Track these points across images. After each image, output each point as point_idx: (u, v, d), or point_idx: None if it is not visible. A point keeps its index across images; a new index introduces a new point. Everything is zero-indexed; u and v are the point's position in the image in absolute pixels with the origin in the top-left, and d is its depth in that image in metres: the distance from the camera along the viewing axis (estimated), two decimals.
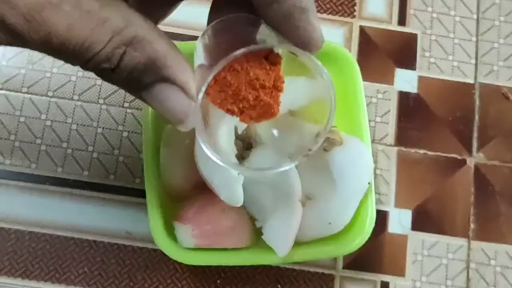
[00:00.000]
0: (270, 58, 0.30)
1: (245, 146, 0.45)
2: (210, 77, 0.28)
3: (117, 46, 0.26)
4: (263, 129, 0.44)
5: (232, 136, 0.42)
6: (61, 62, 0.51)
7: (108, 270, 0.48)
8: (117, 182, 0.50)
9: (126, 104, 0.52)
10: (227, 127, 0.40)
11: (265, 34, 0.31)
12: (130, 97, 0.52)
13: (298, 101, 0.47)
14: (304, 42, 0.28)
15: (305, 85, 0.48)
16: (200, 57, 0.32)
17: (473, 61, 0.55)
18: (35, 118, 0.51)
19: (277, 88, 0.31)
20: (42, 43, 0.26)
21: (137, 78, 0.28)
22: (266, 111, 0.31)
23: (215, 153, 0.31)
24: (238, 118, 0.41)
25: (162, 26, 0.34)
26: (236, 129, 0.41)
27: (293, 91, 0.48)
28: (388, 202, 0.51)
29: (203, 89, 0.28)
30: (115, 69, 0.27)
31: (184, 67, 0.29)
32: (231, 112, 0.30)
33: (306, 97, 0.48)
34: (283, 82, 0.31)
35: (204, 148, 0.30)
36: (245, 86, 0.29)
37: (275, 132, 0.44)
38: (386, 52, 0.54)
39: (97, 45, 0.26)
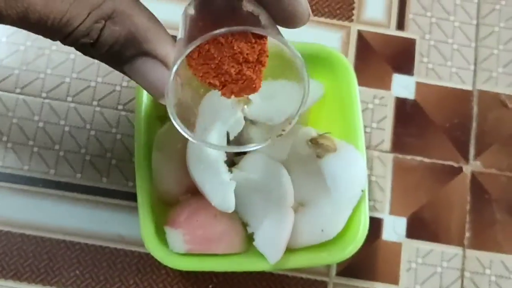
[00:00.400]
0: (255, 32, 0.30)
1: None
2: (188, 50, 0.27)
3: (96, 21, 0.26)
4: (256, 134, 0.43)
5: (223, 141, 0.42)
6: (55, 63, 0.51)
7: (100, 274, 0.48)
8: (109, 185, 0.50)
9: (120, 107, 0.51)
10: (218, 132, 0.39)
11: None
12: (124, 99, 0.52)
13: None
14: (289, 16, 0.27)
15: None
16: (183, 30, 0.31)
17: (472, 67, 0.54)
18: (28, 119, 0.51)
19: (260, 62, 0.30)
20: (19, 19, 0.25)
21: (117, 52, 0.27)
22: (248, 86, 0.30)
23: (186, 129, 0.30)
24: (230, 123, 0.40)
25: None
26: (228, 134, 0.41)
27: (290, 97, 0.48)
28: (383, 209, 0.50)
29: (178, 61, 0.27)
30: (95, 44, 0.26)
31: (165, 40, 0.28)
32: (213, 85, 0.30)
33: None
34: (267, 56, 0.30)
35: (174, 123, 0.30)
36: (228, 60, 0.29)
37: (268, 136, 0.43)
38: (383, 57, 0.54)
39: (76, 20, 0.25)
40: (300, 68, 0.30)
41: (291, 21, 0.26)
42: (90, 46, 0.27)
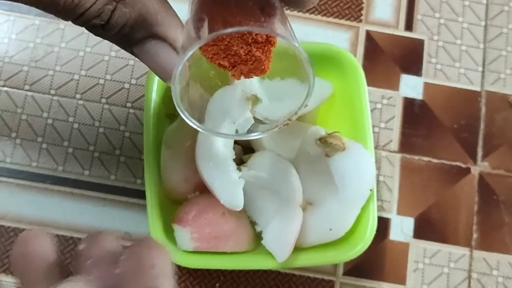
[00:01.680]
0: (266, 9, 0.29)
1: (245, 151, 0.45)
2: (197, 44, 0.27)
3: (107, 2, 0.26)
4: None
5: (231, 141, 0.42)
6: (64, 60, 0.51)
7: None
8: (117, 182, 0.50)
9: (128, 104, 0.51)
10: (226, 131, 0.39)
11: None
12: (133, 97, 0.52)
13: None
14: (297, 1, 0.27)
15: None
16: (191, 9, 0.31)
17: (480, 69, 0.54)
18: (37, 116, 0.51)
19: (270, 42, 0.30)
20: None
21: (127, 34, 0.28)
22: (257, 67, 0.30)
23: (195, 120, 0.30)
24: (239, 122, 0.40)
25: None
26: (237, 132, 0.41)
27: (298, 98, 0.48)
28: (391, 209, 0.50)
29: (189, 53, 0.27)
30: (106, 25, 0.27)
31: (175, 24, 0.28)
32: (222, 67, 0.30)
33: (313, 102, 0.48)
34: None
35: (178, 110, 0.30)
36: (238, 41, 0.28)
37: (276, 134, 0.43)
38: (392, 57, 0.54)
39: (87, 2, 0.25)
40: (304, 62, 0.30)
41: (299, 3, 0.26)
42: (101, 27, 0.27)
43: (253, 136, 0.35)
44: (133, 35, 0.28)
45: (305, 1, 0.25)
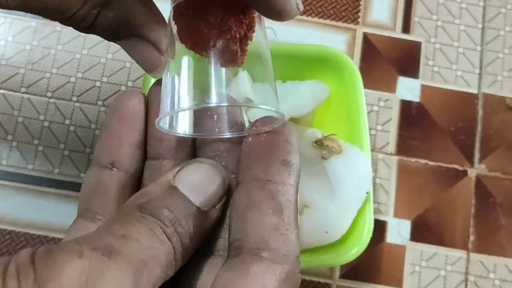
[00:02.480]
0: (245, 10, 0.29)
1: None
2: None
3: (92, 8, 0.26)
4: None
5: None
6: (60, 63, 0.51)
7: None
8: None
9: None
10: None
11: None
12: None
13: (301, 109, 0.47)
14: (276, 14, 0.27)
15: (310, 90, 0.48)
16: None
17: (477, 71, 0.54)
18: (33, 118, 0.51)
19: (247, 37, 0.30)
20: (21, 6, 0.26)
21: (112, 33, 0.28)
22: (233, 60, 0.30)
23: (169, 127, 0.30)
24: None
25: None
26: None
27: (297, 99, 0.48)
28: (387, 212, 0.50)
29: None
30: (90, 27, 0.27)
31: (157, 24, 0.29)
32: (199, 54, 0.30)
33: (309, 104, 0.48)
34: (254, 32, 0.30)
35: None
36: (216, 36, 0.29)
37: None
38: (389, 59, 0.54)
39: (74, 8, 0.26)
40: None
41: (278, 17, 0.26)
42: (85, 28, 0.27)
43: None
44: (117, 34, 0.28)
45: (285, 13, 0.25)
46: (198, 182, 0.23)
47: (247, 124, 0.29)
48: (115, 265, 0.19)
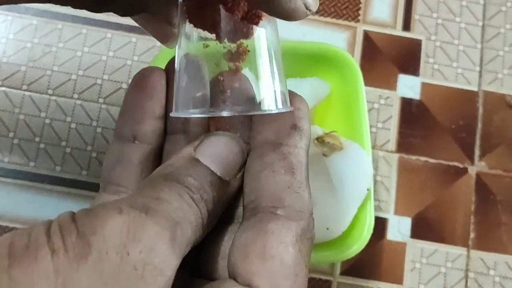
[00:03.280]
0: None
1: None
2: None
3: None
4: None
5: None
6: (62, 60, 0.51)
7: None
8: None
9: None
10: None
11: None
12: None
13: None
14: (284, 16, 0.27)
15: (310, 88, 0.48)
16: None
17: (478, 69, 0.54)
18: (35, 116, 0.51)
19: (253, 22, 0.30)
20: None
21: (123, 10, 0.29)
22: (243, 33, 0.31)
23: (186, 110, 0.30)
24: None
25: None
26: None
27: (305, 94, 0.48)
28: (388, 209, 0.50)
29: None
30: (99, 8, 0.28)
31: (169, 1, 0.30)
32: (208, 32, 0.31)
33: (310, 101, 0.48)
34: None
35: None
36: (224, 22, 0.29)
37: None
38: (389, 57, 0.54)
39: None
40: None
41: (286, 19, 0.26)
42: (98, 7, 0.28)
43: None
44: (128, 10, 0.29)
45: (291, 19, 0.25)
46: (218, 154, 0.24)
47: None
48: (152, 220, 0.20)
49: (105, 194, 0.27)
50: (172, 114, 0.25)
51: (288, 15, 0.25)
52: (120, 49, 0.53)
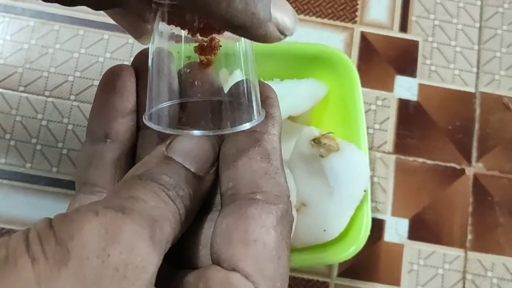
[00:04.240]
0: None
1: None
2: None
3: None
4: None
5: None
6: (58, 62, 0.51)
7: None
8: None
9: None
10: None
11: None
12: None
13: (299, 107, 0.47)
14: (261, 41, 0.27)
15: (307, 89, 0.48)
16: None
17: (475, 70, 0.54)
18: (31, 117, 0.51)
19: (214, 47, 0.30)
20: None
21: (95, 4, 0.29)
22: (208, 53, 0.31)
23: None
24: None
25: None
26: None
27: (295, 97, 0.48)
28: (385, 210, 0.50)
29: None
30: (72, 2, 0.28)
31: None
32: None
33: (307, 103, 0.48)
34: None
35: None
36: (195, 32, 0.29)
37: None
38: (386, 58, 0.54)
39: None
40: None
41: (261, 42, 0.26)
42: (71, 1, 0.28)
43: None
44: (101, 5, 0.29)
45: (267, 39, 0.25)
46: (190, 150, 0.24)
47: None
48: (130, 219, 0.20)
49: (81, 195, 0.26)
50: (145, 122, 0.25)
51: (262, 40, 0.25)
52: (117, 51, 0.53)
